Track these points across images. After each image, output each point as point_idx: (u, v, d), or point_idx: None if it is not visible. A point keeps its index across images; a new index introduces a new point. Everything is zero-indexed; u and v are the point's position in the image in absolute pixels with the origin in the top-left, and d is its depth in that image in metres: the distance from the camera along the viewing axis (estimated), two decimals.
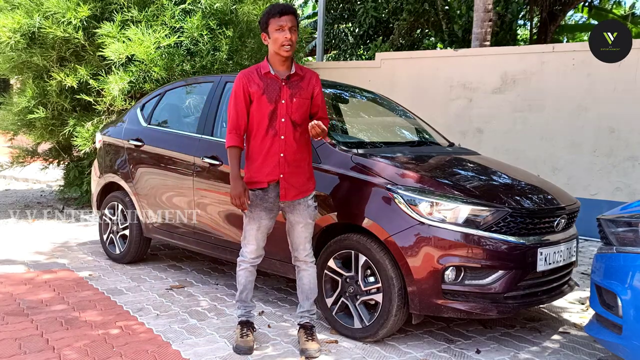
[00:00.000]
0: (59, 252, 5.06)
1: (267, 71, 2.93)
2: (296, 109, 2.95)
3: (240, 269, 3.12)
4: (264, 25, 2.91)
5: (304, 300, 3.14)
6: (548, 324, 3.63)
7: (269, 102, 2.91)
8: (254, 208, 2.99)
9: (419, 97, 7.40)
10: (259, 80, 2.93)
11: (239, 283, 3.13)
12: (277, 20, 2.85)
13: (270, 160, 2.94)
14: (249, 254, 3.08)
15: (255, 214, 3.00)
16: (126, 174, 4.60)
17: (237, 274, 3.13)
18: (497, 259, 2.97)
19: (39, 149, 7.62)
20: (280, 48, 2.86)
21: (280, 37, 2.85)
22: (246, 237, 3.07)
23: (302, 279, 3.13)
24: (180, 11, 6.41)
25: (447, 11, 11.53)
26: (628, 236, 2.60)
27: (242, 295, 3.14)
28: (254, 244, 3.05)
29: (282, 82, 2.94)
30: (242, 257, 3.11)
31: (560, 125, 6.48)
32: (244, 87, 2.93)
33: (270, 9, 2.90)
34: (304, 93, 2.98)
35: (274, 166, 2.94)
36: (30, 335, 3.13)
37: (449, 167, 3.66)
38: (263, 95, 2.91)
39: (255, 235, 3.03)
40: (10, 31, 6.06)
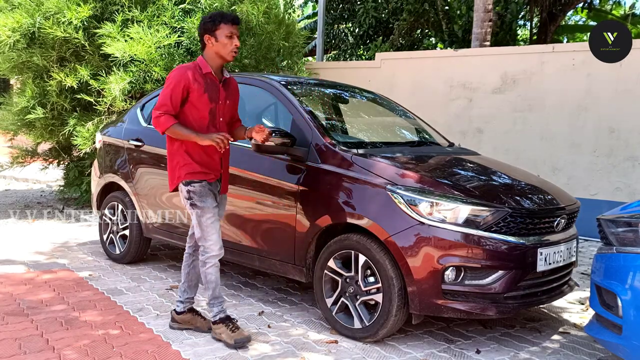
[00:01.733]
0: (59, 252, 5.06)
1: (209, 71, 3.04)
2: (228, 110, 3.17)
3: (209, 267, 3.09)
4: (213, 27, 2.99)
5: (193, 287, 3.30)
6: (548, 324, 3.63)
7: (210, 101, 3.03)
8: (206, 197, 3.05)
9: (419, 97, 7.40)
10: (200, 78, 3.02)
11: (209, 282, 3.10)
12: (230, 27, 2.99)
13: (214, 157, 3.11)
14: (214, 246, 3.06)
15: (208, 203, 3.05)
16: (126, 174, 4.60)
17: (205, 273, 3.10)
18: (497, 259, 2.97)
19: (38, 149, 7.62)
20: (229, 54, 3.01)
21: (229, 44, 2.99)
22: (205, 230, 3.04)
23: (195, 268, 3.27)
24: (180, 11, 6.42)
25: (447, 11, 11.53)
26: (628, 236, 2.60)
27: (215, 292, 3.15)
28: (215, 233, 3.06)
29: (219, 84, 3.10)
30: (209, 253, 3.07)
31: (560, 125, 6.48)
32: (187, 82, 2.97)
33: (221, 14, 3.02)
34: (233, 97, 3.21)
35: (217, 162, 3.13)
36: (30, 335, 3.13)
37: (449, 167, 3.66)
38: (205, 94, 3.02)
39: (214, 225, 3.06)
40: (10, 30, 6.06)
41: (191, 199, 3.05)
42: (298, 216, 3.43)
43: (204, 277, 3.12)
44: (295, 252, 3.47)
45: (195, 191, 3.04)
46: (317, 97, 4.35)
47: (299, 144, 3.47)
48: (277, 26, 7.16)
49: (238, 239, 3.79)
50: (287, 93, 3.81)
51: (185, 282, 3.30)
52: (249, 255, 3.74)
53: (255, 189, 3.66)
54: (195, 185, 3.04)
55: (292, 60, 7.68)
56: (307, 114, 3.63)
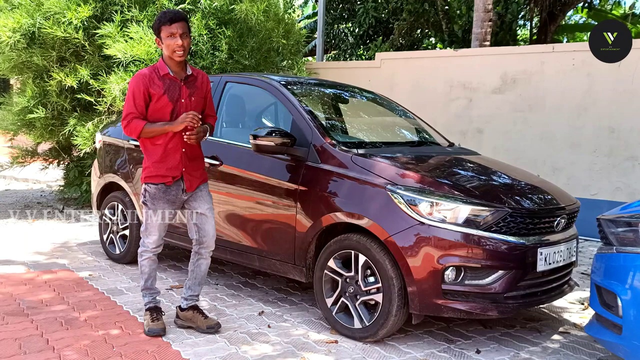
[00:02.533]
0: (59, 252, 5.06)
1: (166, 72, 3.06)
2: (194, 107, 3.15)
3: (144, 259, 3.27)
4: (156, 31, 3.04)
5: (196, 285, 3.36)
6: (548, 324, 3.63)
7: (170, 101, 3.06)
8: (157, 201, 3.14)
9: (419, 97, 7.40)
10: (159, 81, 3.05)
11: (143, 272, 3.29)
12: (168, 28, 2.98)
13: (173, 156, 3.12)
14: (151, 244, 3.23)
15: (158, 206, 3.15)
16: (126, 174, 4.60)
17: (141, 264, 3.29)
18: (497, 259, 2.97)
19: (38, 149, 7.62)
20: (173, 54, 3.01)
21: (172, 44, 2.99)
22: (148, 229, 3.20)
23: (200, 266, 3.33)
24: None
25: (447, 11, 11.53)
26: (628, 236, 2.60)
27: (147, 284, 3.31)
28: (156, 234, 3.21)
29: (180, 82, 3.10)
30: (145, 247, 3.25)
31: (560, 125, 6.48)
32: (145, 86, 3.01)
33: (161, 15, 3.02)
34: (200, 92, 3.20)
35: (177, 162, 3.13)
36: (30, 335, 3.13)
37: (449, 167, 3.66)
38: (164, 95, 3.04)
39: (158, 227, 3.19)
40: (10, 30, 6.06)
41: (144, 197, 3.18)
42: (298, 216, 3.43)
43: (140, 267, 3.31)
44: (295, 252, 3.47)
45: (150, 192, 3.15)
46: (317, 97, 4.35)
47: (299, 144, 3.47)
48: (277, 24, 7.16)
49: (238, 239, 3.79)
50: (287, 93, 3.81)
51: (189, 279, 3.36)
52: (249, 255, 3.74)
53: (255, 189, 3.66)
54: (151, 186, 3.14)
55: (292, 60, 7.68)
56: (307, 114, 3.63)
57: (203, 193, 3.27)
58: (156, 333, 3.18)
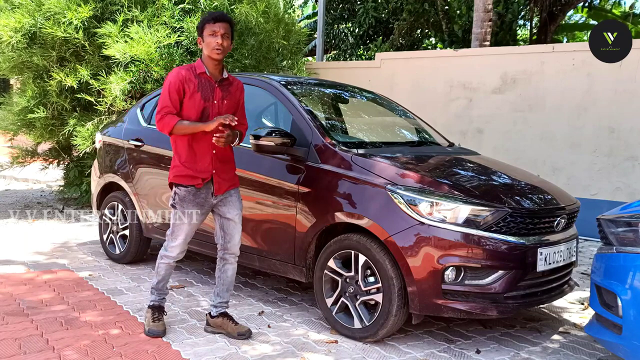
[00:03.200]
0: (59, 252, 5.06)
1: (203, 71, 3.07)
2: (226, 110, 3.13)
3: (163, 262, 3.22)
4: (200, 30, 3.07)
5: (224, 292, 3.29)
6: (548, 324, 3.63)
7: (202, 100, 3.05)
8: (187, 204, 3.10)
9: (419, 97, 7.40)
10: (194, 78, 3.06)
11: (158, 274, 3.24)
12: (211, 26, 3.02)
13: (204, 157, 3.09)
14: (175, 248, 3.17)
15: (187, 209, 3.10)
16: (126, 174, 4.60)
17: (158, 265, 3.23)
18: (497, 259, 2.97)
19: (38, 149, 7.62)
20: (212, 51, 3.02)
21: (212, 42, 3.01)
22: (174, 232, 3.15)
23: (227, 272, 3.27)
24: (180, 11, 6.42)
25: (447, 11, 11.53)
26: (628, 236, 2.60)
27: (159, 285, 3.28)
28: (182, 238, 3.15)
29: (215, 83, 3.10)
30: (167, 252, 3.19)
31: (560, 125, 6.48)
32: (181, 82, 3.02)
33: (207, 15, 3.07)
34: (233, 98, 3.19)
35: (207, 163, 3.09)
36: (30, 335, 3.13)
37: (449, 167, 3.66)
38: (197, 93, 3.03)
39: (186, 230, 3.14)
40: (12, 30, 6.06)
41: (174, 199, 3.14)
42: (298, 216, 3.43)
43: (156, 266, 3.25)
44: (295, 252, 3.48)
45: (179, 195, 3.11)
46: (317, 97, 4.35)
47: (299, 144, 3.47)
48: (276, 24, 7.16)
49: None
50: (287, 93, 3.81)
51: (217, 286, 3.29)
52: (249, 255, 3.74)
53: (255, 189, 3.66)
54: (181, 189, 3.10)
55: (293, 60, 7.68)
56: (307, 114, 3.63)
57: (233, 198, 3.20)
58: (156, 334, 3.17)
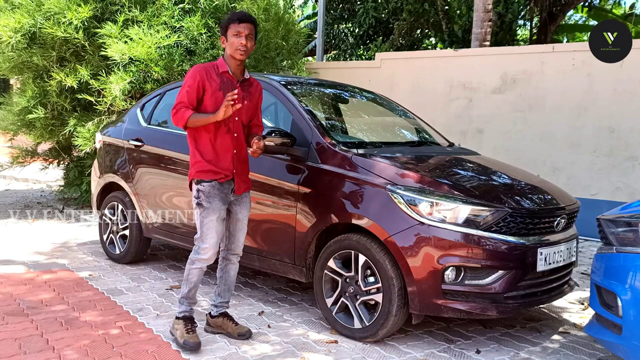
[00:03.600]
0: (59, 252, 5.06)
1: (225, 70, 3.05)
2: (245, 111, 3.11)
3: (195, 267, 3.06)
4: (224, 29, 3.04)
5: (226, 292, 3.27)
6: (548, 324, 3.63)
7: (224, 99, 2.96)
8: (212, 198, 3.01)
9: (419, 97, 7.39)
10: (216, 77, 3.03)
11: (188, 281, 3.07)
12: (236, 26, 3.00)
13: (226, 156, 3.06)
14: (208, 249, 3.02)
15: (214, 204, 3.01)
16: (126, 174, 4.60)
17: (190, 271, 3.07)
18: (497, 259, 2.97)
19: (38, 149, 7.62)
20: (235, 51, 3.00)
21: (236, 42, 2.99)
22: (204, 232, 3.00)
23: (229, 272, 3.26)
24: (180, 10, 6.42)
25: (447, 11, 11.53)
26: (628, 236, 2.60)
27: (190, 293, 3.12)
28: (215, 236, 3.01)
29: (237, 83, 3.08)
30: (199, 256, 3.03)
31: (560, 125, 6.48)
32: (202, 79, 2.99)
33: (231, 14, 3.05)
34: (253, 99, 3.17)
35: (229, 162, 3.07)
36: (30, 335, 3.13)
37: (449, 167, 3.66)
38: (219, 91, 3.00)
39: (216, 227, 3.01)
40: (12, 31, 6.06)
41: (198, 197, 3.02)
42: (298, 216, 3.43)
43: (187, 273, 3.09)
44: (295, 252, 3.47)
45: (204, 191, 3.01)
46: (317, 97, 4.35)
47: (299, 144, 3.47)
48: (276, 24, 7.16)
49: None
50: (286, 93, 3.80)
51: (219, 285, 3.27)
52: (248, 255, 3.74)
53: (255, 189, 3.65)
54: (205, 184, 3.01)
55: (292, 59, 7.68)
56: (307, 114, 3.63)
57: (246, 199, 3.19)
58: (193, 346, 2.98)
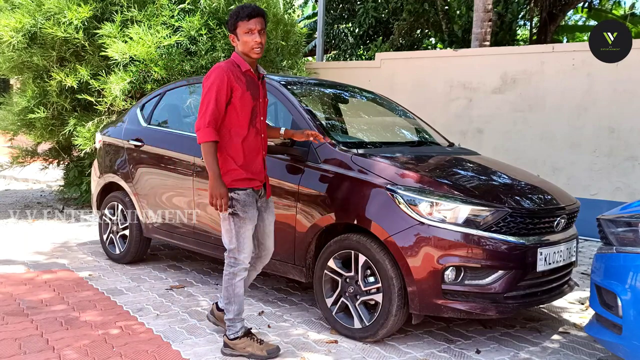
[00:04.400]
0: (59, 252, 5.06)
1: (248, 69, 2.86)
2: (265, 108, 3.02)
3: (239, 280, 2.90)
4: (232, 27, 2.83)
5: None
6: (548, 324, 3.63)
7: (252, 99, 2.86)
8: (249, 207, 2.85)
9: (419, 97, 7.40)
10: (242, 76, 2.84)
11: (236, 296, 2.90)
12: (246, 24, 2.78)
13: (257, 159, 2.93)
14: (246, 258, 2.90)
15: (250, 213, 2.86)
16: (126, 174, 4.60)
17: (234, 286, 2.89)
18: (497, 259, 2.97)
19: (38, 149, 7.62)
20: (251, 51, 2.81)
21: (250, 41, 2.79)
22: (240, 242, 2.86)
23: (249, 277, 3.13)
24: (180, 11, 6.42)
25: (447, 11, 11.54)
26: (628, 236, 2.60)
27: (242, 307, 2.97)
28: (249, 245, 2.90)
29: (258, 80, 2.94)
30: (240, 265, 2.90)
31: (560, 125, 6.48)
32: (229, 81, 2.78)
33: (238, 10, 2.80)
34: (266, 94, 3.07)
35: (260, 165, 2.95)
36: (30, 335, 3.13)
37: (449, 167, 3.66)
38: (247, 92, 2.83)
39: (250, 236, 2.89)
40: (13, 30, 6.05)
41: (233, 207, 2.83)
42: (298, 216, 3.43)
43: (232, 289, 2.90)
44: (295, 252, 3.47)
45: (240, 200, 2.83)
46: (317, 97, 4.35)
47: (298, 144, 3.47)
48: (275, 25, 7.16)
49: None
50: (286, 93, 3.80)
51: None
52: None
53: None
54: (240, 193, 2.84)
55: (292, 59, 7.68)
56: (306, 114, 3.63)
57: (271, 205, 3.07)
58: (276, 353, 2.93)
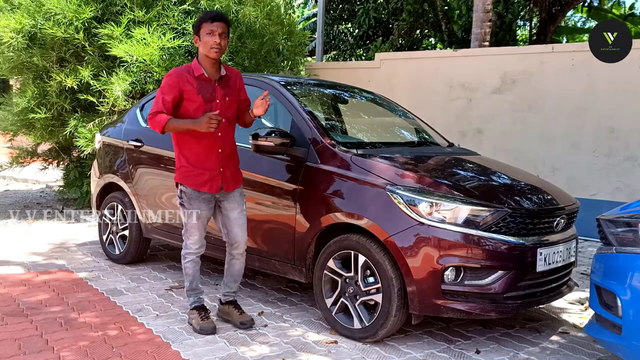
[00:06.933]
0: (58, 253, 5.05)
1: (200, 73, 3.08)
2: (228, 107, 3.17)
3: (187, 261, 3.30)
4: (197, 28, 3.08)
5: (232, 282, 3.41)
6: (547, 324, 3.63)
7: (204, 102, 3.06)
8: (194, 200, 3.17)
9: (419, 97, 7.40)
10: (193, 80, 3.06)
11: (187, 274, 3.33)
12: (209, 25, 3.03)
13: (210, 157, 3.14)
14: (193, 244, 3.27)
15: (195, 205, 3.18)
16: (126, 175, 4.60)
17: (184, 267, 3.32)
18: (496, 259, 2.97)
19: (38, 149, 7.62)
20: (209, 50, 3.04)
21: (210, 41, 3.03)
22: (188, 230, 3.24)
23: (233, 266, 3.38)
24: (181, 12, 6.41)
25: (446, 12, 11.55)
26: (627, 236, 2.60)
27: (192, 285, 3.35)
28: (197, 234, 3.24)
29: (215, 82, 3.11)
30: (188, 250, 3.29)
31: (560, 125, 6.48)
32: (177, 84, 3.03)
33: (204, 14, 3.08)
34: (234, 92, 3.22)
35: (214, 162, 3.15)
36: (30, 335, 3.13)
37: (449, 167, 3.66)
38: (198, 95, 3.05)
39: (197, 226, 3.22)
40: (13, 32, 6.05)
41: (181, 198, 3.21)
42: (298, 216, 3.43)
43: (184, 269, 3.34)
44: (294, 253, 3.47)
45: (187, 193, 3.18)
46: (316, 97, 4.35)
47: (298, 144, 3.47)
48: (280, 26, 7.17)
49: None
50: (286, 93, 3.81)
51: (225, 276, 3.43)
52: (248, 255, 3.73)
53: (255, 189, 3.65)
54: (188, 187, 3.17)
55: (294, 60, 7.68)
56: (306, 114, 3.63)
57: (234, 195, 3.27)
58: (209, 331, 3.23)
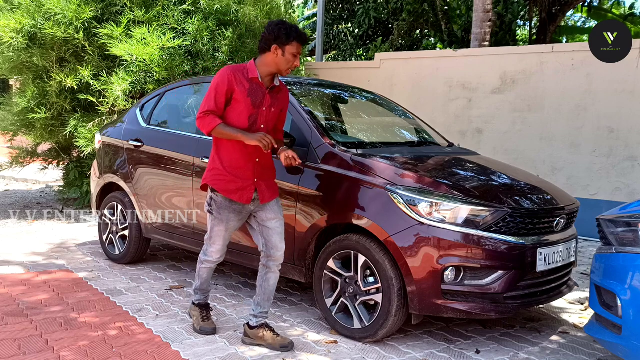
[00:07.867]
0: (58, 253, 5.05)
1: (255, 76, 2.98)
2: (272, 118, 3.08)
3: (204, 267, 3.26)
4: (285, 41, 2.91)
5: (265, 301, 3.15)
6: (547, 324, 3.63)
7: (252, 106, 2.97)
8: (223, 210, 3.06)
9: (419, 97, 7.40)
10: (245, 82, 2.96)
11: (200, 276, 3.29)
12: (298, 47, 2.95)
13: (248, 165, 3.03)
14: (214, 253, 3.20)
15: (224, 215, 3.07)
16: (126, 175, 4.60)
17: (199, 269, 3.28)
18: (496, 259, 2.97)
19: (38, 149, 7.61)
20: (286, 70, 2.98)
21: (291, 62, 2.96)
22: (212, 237, 3.15)
23: (269, 280, 3.14)
24: (181, 12, 6.41)
25: (446, 11, 11.55)
26: (627, 236, 2.60)
27: (202, 286, 3.34)
28: (220, 243, 3.17)
29: (266, 90, 3.02)
30: (207, 257, 3.22)
31: (560, 125, 6.48)
32: (231, 81, 2.93)
33: (298, 31, 2.94)
34: (279, 105, 3.12)
35: (250, 171, 3.03)
36: (30, 335, 3.13)
37: (449, 167, 3.66)
38: (248, 98, 2.95)
39: (223, 236, 3.15)
40: (13, 32, 6.05)
41: (210, 206, 3.09)
42: (298, 216, 3.43)
43: (197, 270, 3.29)
44: (295, 253, 3.47)
45: (217, 201, 3.06)
46: (316, 97, 4.35)
47: (298, 144, 3.47)
48: None
49: (237, 239, 3.79)
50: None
51: (258, 295, 3.16)
52: (248, 255, 3.74)
53: None
54: (219, 195, 3.04)
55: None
56: (306, 115, 3.63)
57: (272, 205, 3.11)
58: (208, 332, 3.22)
